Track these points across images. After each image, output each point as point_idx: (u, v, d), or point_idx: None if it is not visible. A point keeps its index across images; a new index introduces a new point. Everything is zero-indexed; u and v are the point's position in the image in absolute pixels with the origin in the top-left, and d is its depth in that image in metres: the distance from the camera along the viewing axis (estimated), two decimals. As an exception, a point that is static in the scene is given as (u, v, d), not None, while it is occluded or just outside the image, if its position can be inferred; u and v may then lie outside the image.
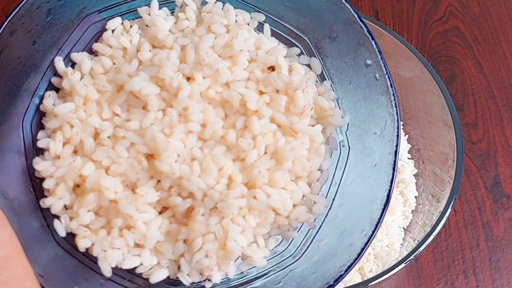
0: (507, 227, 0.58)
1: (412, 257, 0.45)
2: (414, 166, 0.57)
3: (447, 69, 0.69)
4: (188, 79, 0.31)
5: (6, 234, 0.27)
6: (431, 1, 0.75)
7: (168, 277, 0.31)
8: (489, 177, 0.61)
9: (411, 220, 0.54)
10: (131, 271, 0.31)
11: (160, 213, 0.31)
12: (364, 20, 0.56)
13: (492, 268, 0.55)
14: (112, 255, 0.30)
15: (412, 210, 0.55)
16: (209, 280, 0.31)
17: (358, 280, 0.48)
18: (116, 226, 0.30)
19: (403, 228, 0.54)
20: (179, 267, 0.31)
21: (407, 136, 0.59)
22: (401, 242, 0.52)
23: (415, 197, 0.55)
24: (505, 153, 0.63)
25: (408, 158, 0.58)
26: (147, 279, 0.31)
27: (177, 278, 0.31)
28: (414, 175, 0.57)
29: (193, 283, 0.31)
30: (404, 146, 0.58)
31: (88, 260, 0.31)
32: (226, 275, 0.31)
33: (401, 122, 0.59)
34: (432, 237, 0.46)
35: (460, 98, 0.67)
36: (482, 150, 0.63)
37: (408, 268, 0.55)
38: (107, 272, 0.30)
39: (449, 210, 0.48)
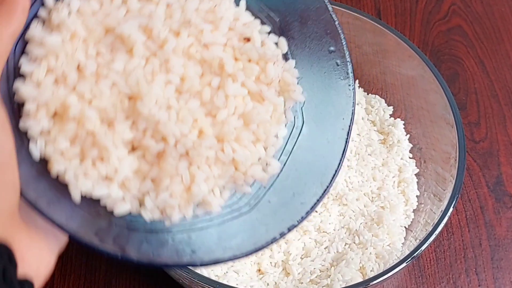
0: (510, 226, 0.58)
1: (414, 256, 0.45)
2: (416, 166, 0.57)
3: (449, 68, 0.69)
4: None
5: None
6: (434, 0, 0.74)
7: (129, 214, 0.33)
8: (491, 176, 0.61)
9: (412, 219, 0.54)
10: (97, 203, 0.33)
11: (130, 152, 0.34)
12: (365, 18, 0.57)
13: (494, 267, 0.55)
14: (83, 183, 0.31)
15: (413, 209, 0.55)
16: (168, 219, 0.33)
17: (359, 279, 0.48)
18: (90, 157, 0.32)
19: (405, 227, 0.54)
20: (140, 205, 0.33)
21: (408, 135, 0.59)
22: (402, 241, 0.52)
23: (417, 196, 0.55)
24: (508, 152, 0.63)
25: (410, 158, 0.58)
26: (110, 212, 0.33)
27: (138, 214, 0.33)
28: (415, 174, 0.57)
29: (152, 221, 0.33)
30: (406, 145, 0.58)
31: (59, 184, 0.32)
32: (184, 216, 0.34)
33: (403, 121, 0.60)
34: (434, 236, 0.46)
35: (463, 97, 0.67)
36: (484, 149, 0.63)
37: (410, 267, 0.55)
38: (77, 199, 0.32)
39: (451, 209, 0.47)
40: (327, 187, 0.35)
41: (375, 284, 0.44)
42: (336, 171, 0.36)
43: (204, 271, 0.47)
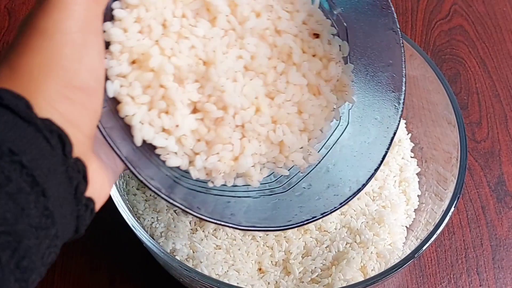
0: (511, 226, 0.58)
1: (415, 256, 0.45)
2: (417, 165, 0.57)
3: (451, 68, 0.69)
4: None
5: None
6: (435, 0, 0.74)
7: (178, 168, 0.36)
8: (493, 176, 0.61)
9: (414, 219, 0.54)
10: (152, 150, 0.35)
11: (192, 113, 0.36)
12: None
13: (496, 267, 0.55)
14: (147, 130, 0.34)
15: (415, 209, 0.54)
16: (212, 182, 0.36)
17: (360, 278, 0.48)
18: (158, 108, 0.34)
19: (406, 227, 0.53)
20: (190, 164, 0.36)
21: (410, 134, 0.59)
22: (403, 241, 0.52)
23: (418, 195, 0.55)
24: (510, 152, 0.62)
25: (411, 157, 0.58)
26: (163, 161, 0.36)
27: (186, 170, 0.36)
28: (417, 173, 0.56)
29: (197, 180, 0.37)
30: (407, 144, 0.58)
31: (125, 125, 0.34)
32: (225, 183, 0.37)
33: (404, 121, 0.60)
34: (435, 236, 0.46)
35: (464, 97, 0.67)
36: (486, 149, 0.63)
37: (411, 266, 0.55)
38: (138, 142, 0.34)
39: (452, 209, 0.47)
40: (363, 185, 0.37)
41: (376, 283, 0.44)
42: (374, 172, 0.38)
43: (204, 270, 0.47)
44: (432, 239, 0.46)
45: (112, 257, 0.55)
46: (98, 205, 0.31)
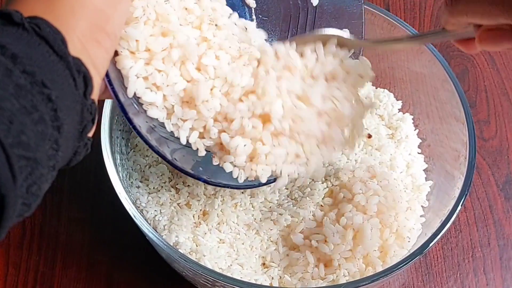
0: (519, 225, 0.57)
1: (421, 253, 0.44)
2: (424, 161, 0.56)
3: (459, 64, 0.68)
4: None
5: None
6: (444, -4, 0.73)
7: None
8: (501, 175, 0.60)
9: (421, 215, 0.53)
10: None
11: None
12: (375, 11, 0.56)
13: (503, 267, 0.54)
14: (140, 84, 0.37)
15: (421, 206, 0.53)
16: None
17: (366, 274, 0.47)
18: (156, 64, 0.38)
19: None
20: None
21: (417, 130, 0.58)
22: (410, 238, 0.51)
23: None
24: (518, 151, 0.62)
25: (418, 153, 0.57)
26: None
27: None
28: (424, 170, 0.56)
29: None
30: (414, 140, 0.57)
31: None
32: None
33: (412, 116, 0.59)
34: (441, 234, 0.45)
35: (473, 95, 0.66)
36: (494, 147, 0.62)
37: (417, 264, 0.54)
38: (130, 94, 0.37)
39: (459, 207, 0.47)
40: None
41: (381, 280, 0.43)
42: None
43: (208, 264, 0.46)
44: (438, 237, 0.45)
45: (113, 251, 0.54)
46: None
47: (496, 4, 0.32)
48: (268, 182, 0.41)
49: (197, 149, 0.40)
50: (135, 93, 0.37)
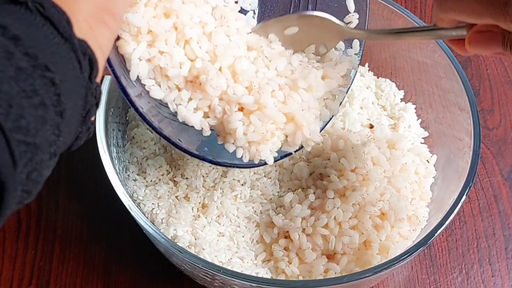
0: (524, 215, 0.56)
1: (424, 244, 0.43)
2: (429, 151, 0.55)
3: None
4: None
5: None
6: (446, -16, 0.72)
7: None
8: (505, 164, 0.59)
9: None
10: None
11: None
12: (377, -1, 0.55)
13: (509, 258, 0.53)
14: (143, 66, 0.37)
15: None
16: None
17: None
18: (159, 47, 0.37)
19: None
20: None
21: (420, 120, 0.57)
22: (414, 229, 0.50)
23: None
24: (523, 140, 0.60)
25: (421, 143, 0.56)
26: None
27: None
28: (427, 160, 0.54)
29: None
30: (417, 130, 0.56)
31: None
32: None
33: (414, 106, 0.58)
34: (445, 224, 0.44)
35: (476, 83, 0.65)
36: (498, 136, 0.61)
37: (421, 256, 0.53)
38: (133, 77, 0.37)
39: (464, 197, 0.45)
40: None
41: (384, 272, 0.42)
42: None
43: (207, 257, 0.45)
44: (442, 228, 0.44)
45: (111, 245, 0.53)
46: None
47: (483, 2, 0.31)
48: (276, 160, 0.41)
49: (202, 129, 0.39)
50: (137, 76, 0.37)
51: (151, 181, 0.50)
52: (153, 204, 0.49)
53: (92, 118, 0.30)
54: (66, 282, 0.51)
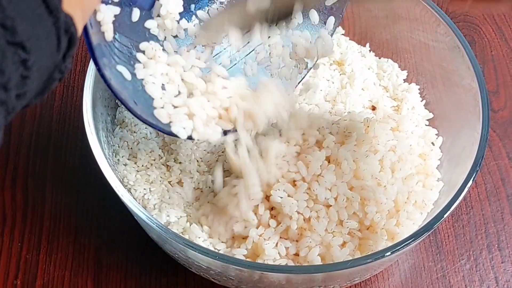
0: (534, 199, 0.54)
1: (428, 230, 0.40)
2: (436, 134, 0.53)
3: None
4: None
5: None
6: (447, -35, 0.70)
7: None
8: (512, 146, 0.57)
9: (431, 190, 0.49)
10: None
11: None
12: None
13: (519, 243, 0.51)
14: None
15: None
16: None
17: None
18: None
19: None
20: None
21: (424, 101, 0.55)
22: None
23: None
24: (529, 122, 0.58)
25: (426, 125, 0.53)
26: None
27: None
28: (432, 143, 0.52)
29: None
30: (422, 112, 0.54)
31: None
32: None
33: (418, 86, 0.55)
34: (451, 209, 0.42)
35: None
36: (504, 118, 0.59)
37: (426, 243, 0.51)
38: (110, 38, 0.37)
39: (470, 182, 0.43)
40: None
41: (388, 258, 0.39)
42: None
43: (202, 244, 0.42)
44: (447, 213, 0.41)
45: (101, 236, 0.50)
46: None
47: None
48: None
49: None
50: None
51: (142, 166, 0.47)
52: (144, 189, 0.46)
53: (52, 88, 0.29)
54: (54, 276, 0.49)
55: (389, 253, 0.39)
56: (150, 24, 0.40)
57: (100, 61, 0.35)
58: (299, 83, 0.46)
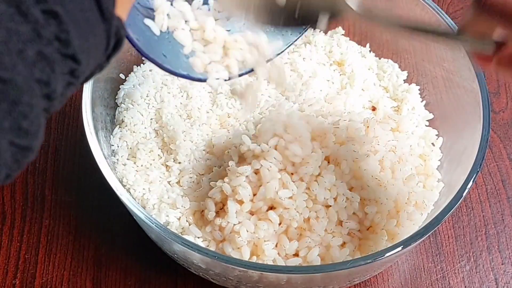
0: (534, 201, 0.53)
1: (427, 232, 0.40)
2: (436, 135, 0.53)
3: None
4: None
5: None
6: (448, -35, 0.70)
7: None
8: (513, 148, 0.57)
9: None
10: None
11: None
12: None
13: (519, 245, 0.51)
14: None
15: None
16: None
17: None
18: None
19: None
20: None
21: (424, 102, 0.55)
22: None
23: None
24: (530, 123, 0.58)
25: (426, 126, 0.53)
26: None
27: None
28: (432, 143, 0.52)
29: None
30: (422, 112, 0.54)
31: None
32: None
33: (418, 87, 0.55)
34: (450, 212, 0.42)
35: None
36: (505, 119, 0.59)
37: (426, 244, 0.51)
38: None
39: (471, 183, 0.43)
40: None
41: (387, 258, 0.39)
42: None
43: (201, 243, 0.42)
44: (447, 215, 0.41)
45: (100, 235, 0.50)
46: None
47: None
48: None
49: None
50: None
51: (141, 165, 0.47)
52: (143, 189, 0.46)
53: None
54: (53, 275, 0.49)
55: (389, 253, 0.39)
56: None
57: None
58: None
